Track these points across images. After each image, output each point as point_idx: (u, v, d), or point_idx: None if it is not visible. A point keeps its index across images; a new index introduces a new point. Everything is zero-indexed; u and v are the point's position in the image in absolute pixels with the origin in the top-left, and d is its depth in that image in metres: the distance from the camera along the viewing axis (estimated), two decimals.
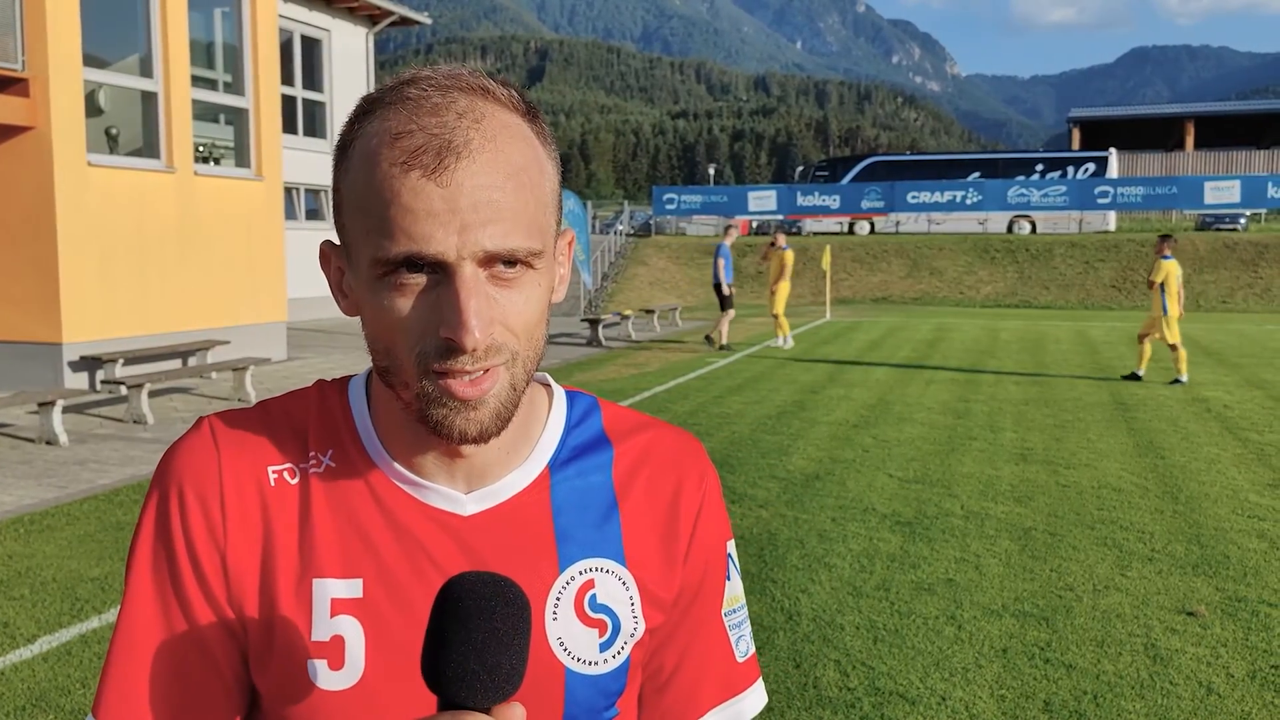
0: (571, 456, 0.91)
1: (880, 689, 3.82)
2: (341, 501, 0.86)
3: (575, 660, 0.87)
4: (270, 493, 0.86)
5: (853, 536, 5.81)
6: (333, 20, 21.12)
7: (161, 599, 0.85)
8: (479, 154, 0.76)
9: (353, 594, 0.84)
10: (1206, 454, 8.10)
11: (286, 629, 0.84)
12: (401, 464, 0.87)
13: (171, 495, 0.86)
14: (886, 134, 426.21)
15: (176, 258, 11.78)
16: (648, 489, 0.92)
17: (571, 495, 0.89)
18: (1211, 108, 60.20)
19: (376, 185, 0.77)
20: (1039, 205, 35.05)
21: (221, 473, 0.86)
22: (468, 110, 0.77)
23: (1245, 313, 26.57)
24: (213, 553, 0.84)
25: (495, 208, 0.76)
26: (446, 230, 0.75)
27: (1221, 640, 4.29)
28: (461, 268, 0.76)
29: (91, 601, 4.71)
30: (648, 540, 0.91)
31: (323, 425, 0.89)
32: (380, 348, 0.81)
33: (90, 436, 8.67)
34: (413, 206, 0.75)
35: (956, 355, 15.46)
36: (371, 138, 0.78)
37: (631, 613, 0.90)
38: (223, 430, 0.88)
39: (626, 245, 34.56)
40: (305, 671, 0.83)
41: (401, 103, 0.78)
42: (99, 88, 11.33)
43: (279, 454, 0.88)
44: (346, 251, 0.83)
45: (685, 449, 0.96)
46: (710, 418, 9.69)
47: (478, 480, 0.87)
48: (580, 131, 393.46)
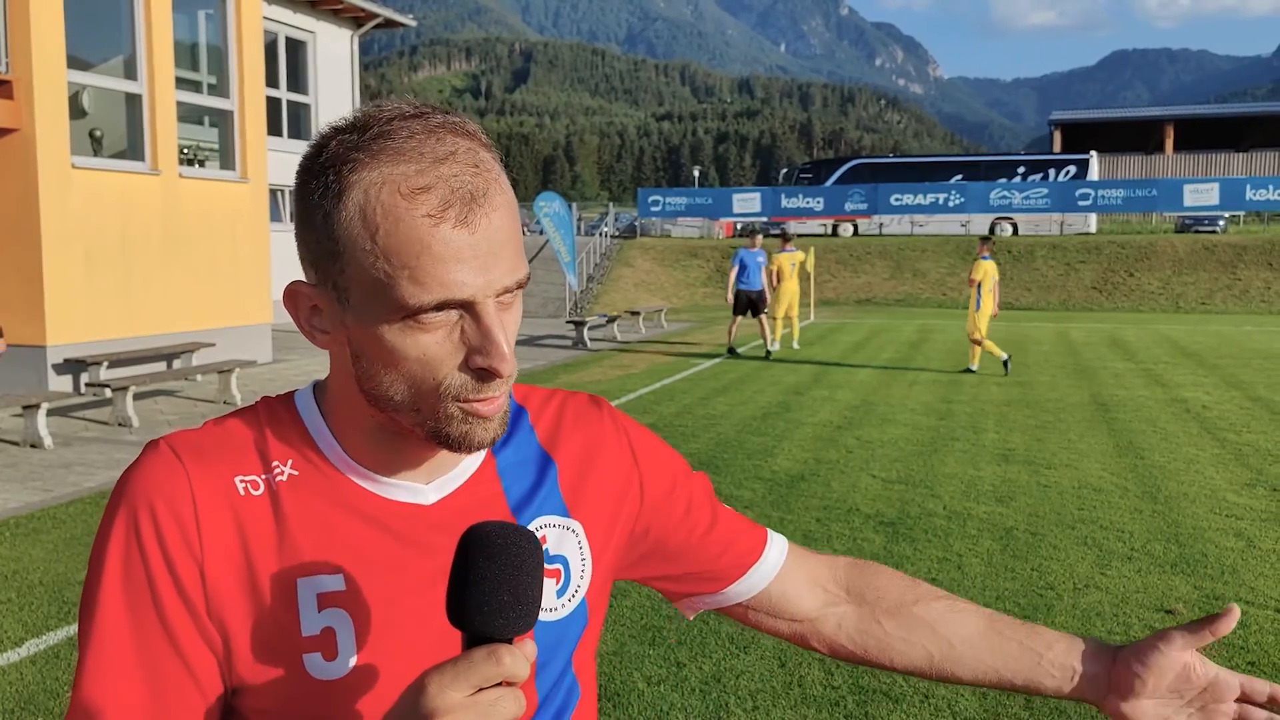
0: (506, 437, 1.00)
1: (864, 687, 3.88)
2: (311, 504, 0.90)
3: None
4: (240, 502, 0.89)
5: (837, 537, 5.87)
6: (317, 22, 21.08)
7: (135, 618, 0.85)
8: (494, 198, 0.83)
9: (337, 587, 0.89)
10: (1185, 454, 8.20)
11: (278, 628, 0.87)
12: (364, 465, 0.92)
13: (141, 513, 0.86)
14: (870, 136, 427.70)
15: (161, 260, 11.76)
16: (571, 442, 1.03)
17: (514, 469, 0.99)
18: (1191, 111, 60.67)
19: (403, 237, 0.80)
20: (1021, 207, 35.27)
21: (192, 486, 0.87)
22: (470, 157, 0.83)
23: (1224, 314, 26.81)
24: (191, 565, 0.86)
25: (508, 248, 0.84)
26: (475, 274, 0.81)
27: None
28: (486, 305, 0.83)
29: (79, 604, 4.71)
30: (585, 485, 1.02)
31: (278, 437, 0.93)
32: (389, 380, 0.85)
33: (75, 439, 8.65)
34: (445, 255, 0.80)
35: (939, 357, 15.57)
36: (379, 187, 0.81)
37: (580, 558, 1.00)
38: (183, 447, 0.90)
39: (611, 247, 34.60)
40: (301, 664, 0.87)
41: (398, 152, 0.81)
42: (83, 90, 11.31)
43: (242, 465, 0.90)
44: (339, 295, 0.85)
45: (592, 402, 1.08)
46: (696, 419, 9.75)
47: (437, 472, 0.94)
48: (565, 133, 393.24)
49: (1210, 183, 34.62)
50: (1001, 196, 35.44)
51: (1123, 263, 30.98)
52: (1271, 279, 29.19)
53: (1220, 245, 31.04)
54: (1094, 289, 30.04)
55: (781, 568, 1.13)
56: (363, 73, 23.70)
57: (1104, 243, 32.31)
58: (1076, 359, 15.25)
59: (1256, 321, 23.94)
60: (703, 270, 33.74)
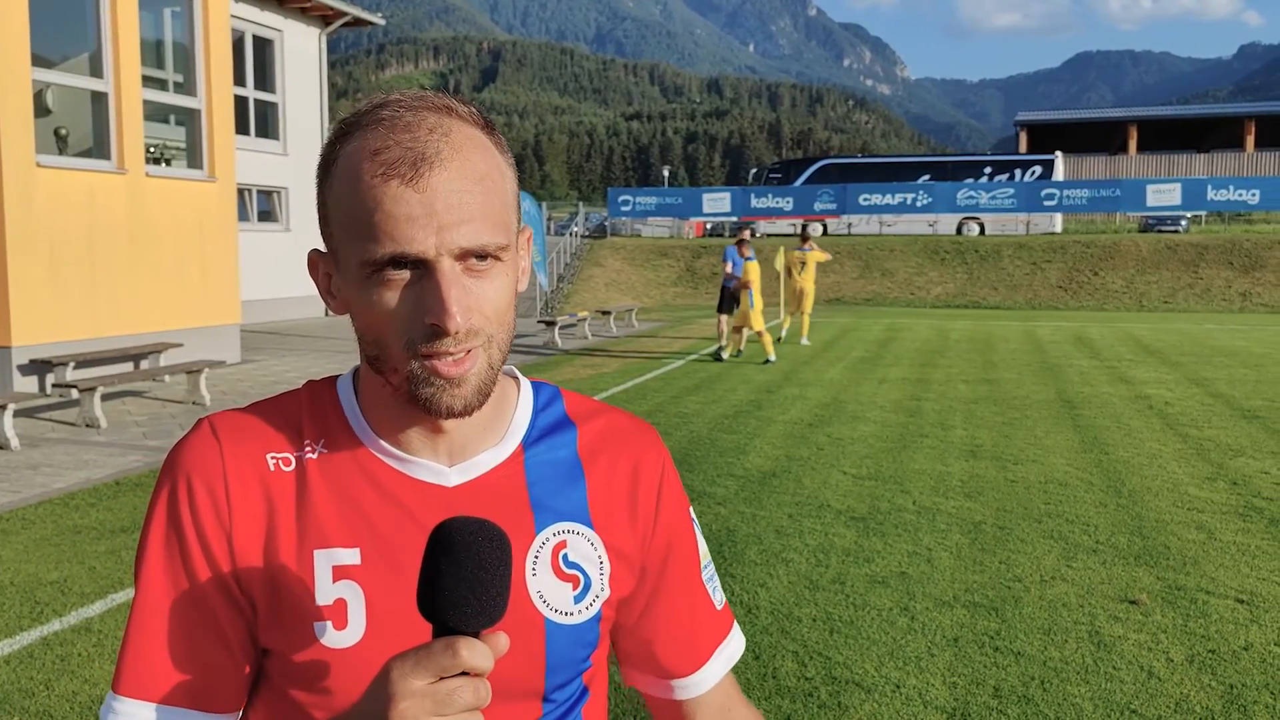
0: (541, 436, 1.03)
1: (837, 678, 3.94)
2: (336, 480, 0.96)
3: (554, 611, 0.98)
4: (270, 477, 0.96)
5: (809, 532, 5.93)
6: (285, 20, 20.93)
7: (173, 579, 0.94)
8: (449, 162, 0.87)
9: (352, 561, 0.94)
10: (1148, 449, 8.35)
11: (293, 596, 0.93)
12: (389, 444, 0.97)
13: (180, 486, 0.95)
14: (838, 136, 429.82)
15: (128, 260, 11.65)
16: (610, 463, 1.05)
17: (543, 469, 1.01)
18: (1153, 112, 61.51)
19: (360, 196, 0.87)
20: (987, 207, 35.63)
21: (225, 462, 0.95)
22: (436, 126, 0.89)
23: (1186, 312, 27.23)
24: (220, 534, 0.94)
25: (466, 209, 0.87)
26: (426, 231, 0.86)
27: (1162, 627, 4.47)
28: (441, 263, 0.86)
29: (51, 604, 4.69)
30: (612, 507, 1.03)
31: (314, 417, 1.00)
32: (370, 338, 0.91)
33: (42, 440, 8.56)
34: (394, 212, 0.86)
35: (908, 355, 15.71)
36: (352, 155, 0.89)
37: (599, 570, 1.01)
38: (222, 426, 0.98)
39: (582, 247, 34.59)
40: (313, 632, 0.93)
41: (377, 123, 0.89)
42: (47, 87, 11.18)
43: (276, 443, 0.98)
44: (334, 258, 0.93)
45: (641, 430, 1.09)
46: (669, 417, 9.80)
47: (459, 455, 0.98)
48: (534, 132, 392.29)
49: (1172, 183, 35.13)
50: (968, 196, 35.78)
51: (1087, 262, 31.38)
52: (1232, 278, 29.68)
53: (1182, 245, 31.51)
54: (1059, 288, 30.40)
55: (714, 688, 1.11)
56: (330, 71, 23.53)
57: (1069, 242, 32.71)
58: (1043, 357, 15.44)
59: (1218, 320, 24.34)
60: (673, 270, 33.81)
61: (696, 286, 32.93)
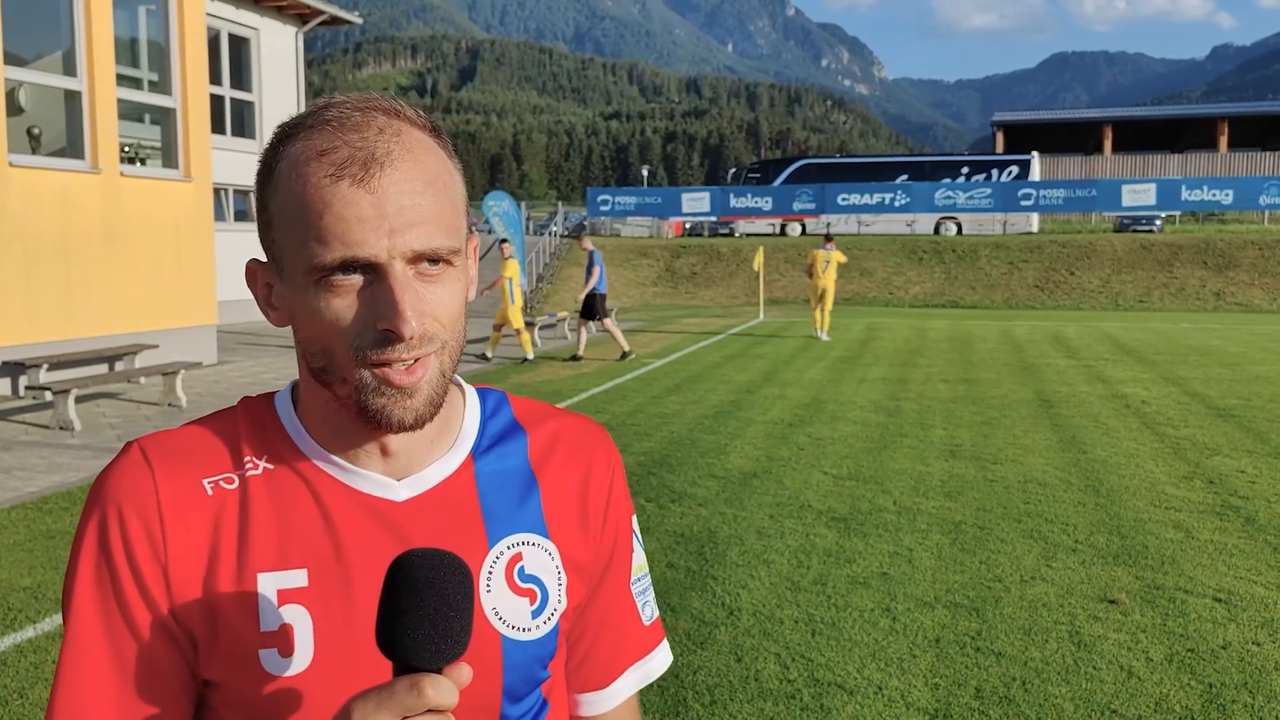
0: (491, 444, 0.99)
1: (819, 680, 3.93)
2: (280, 499, 0.91)
3: (510, 628, 0.94)
4: (208, 501, 0.90)
5: (790, 533, 5.93)
6: (261, 19, 20.79)
7: (105, 617, 0.88)
8: (400, 163, 0.84)
9: (298, 584, 0.89)
10: (1126, 448, 8.40)
11: (236, 624, 0.88)
12: (335, 458, 0.93)
13: (111, 517, 0.89)
14: (816, 136, 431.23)
15: (102, 260, 11.53)
16: (561, 469, 1.01)
17: (494, 478, 0.97)
18: (1128, 113, 62.06)
19: (308, 198, 0.83)
20: (965, 207, 35.85)
21: (158, 490, 0.90)
22: (386, 127, 0.85)
23: (1161, 311, 27.47)
24: (155, 567, 0.88)
25: (419, 211, 0.84)
26: (378, 234, 0.82)
27: (1141, 626, 4.49)
28: (393, 266, 0.83)
29: (25, 611, 4.62)
30: (565, 513, 1.00)
31: (253, 434, 0.94)
32: (317, 349, 0.87)
33: (15, 444, 8.46)
34: (344, 214, 0.82)
35: (887, 355, 15.77)
36: (297, 157, 0.85)
37: (557, 580, 0.98)
38: (153, 450, 0.92)
39: (561, 246, 34.54)
40: (258, 660, 0.88)
41: (323, 124, 0.85)
42: (19, 86, 11.05)
43: (213, 465, 0.92)
44: (276, 266, 0.89)
45: (592, 432, 1.06)
46: (649, 418, 9.78)
47: (407, 469, 0.94)
48: (513, 132, 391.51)
49: (1147, 183, 35.46)
50: (946, 196, 35.99)
51: (1064, 261, 31.61)
52: (1206, 277, 29.97)
53: (1157, 244, 31.79)
54: (1036, 287, 30.61)
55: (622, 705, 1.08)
56: (307, 70, 23.41)
57: (1046, 242, 32.94)
58: (1020, 356, 15.53)
59: (1192, 319, 24.57)
60: (652, 270, 33.83)
61: (676, 286, 32.95)
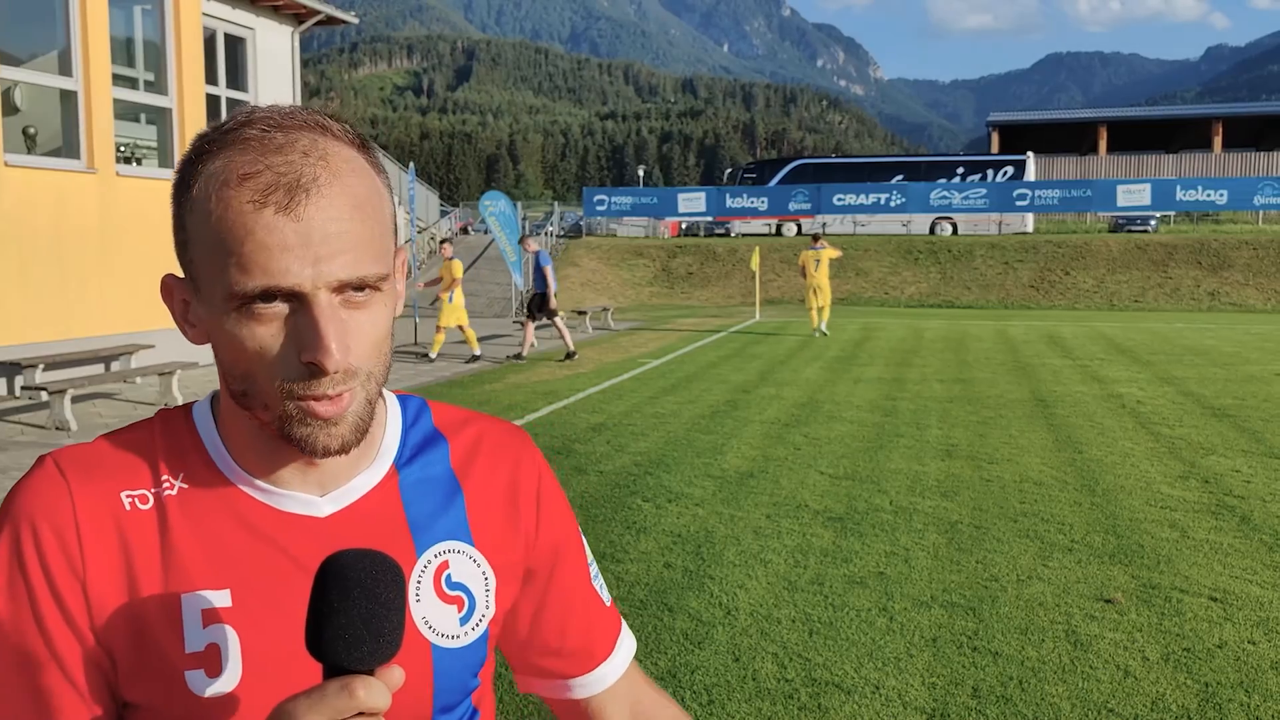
0: (413, 454, 0.98)
1: (817, 679, 3.94)
2: (200, 517, 0.89)
3: (439, 636, 0.94)
4: (126, 517, 0.88)
5: (787, 533, 5.94)
6: (257, 19, 20.74)
7: (20, 635, 0.85)
8: (327, 189, 0.81)
9: (223, 603, 0.87)
10: (1121, 448, 8.42)
11: (160, 645, 0.86)
12: (255, 476, 0.91)
13: (25, 533, 0.86)
14: (812, 136, 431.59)
15: (98, 260, 11.51)
16: (485, 474, 1.01)
17: (418, 488, 0.96)
18: (1123, 113, 62.19)
19: (229, 223, 0.80)
20: (960, 207, 35.90)
21: (75, 504, 0.87)
22: (311, 148, 0.82)
23: (1156, 311, 27.54)
24: (73, 583, 0.85)
25: (345, 239, 0.81)
26: (302, 263, 0.79)
27: (1137, 626, 4.51)
28: (317, 296, 0.80)
29: None
30: (491, 518, 0.99)
31: (171, 450, 0.92)
32: (237, 374, 0.85)
33: (11, 444, 8.45)
34: (268, 242, 0.79)
35: (883, 354, 15.79)
36: (217, 177, 0.81)
37: (485, 588, 0.98)
38: (69, 463, 0.89)
39: (557, 246, 34.54)
40: (184, 683, 0.86)
41: (244, 142, 0.82)
42: (15, 85, 11.03)
43: (130, 480, 0.90)
44: (194, 285, 0.86)
45: (513, 435, 1.05)
46: (645, 417, 9.79)
47: (330, 484, 0.92)
48: (508, 132, 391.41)
49: (1142, 183, 35.53)
50: (941, 196, 36.04)
51: (1059, 262, 31.67)
52: (1201, 277, 30.04)
53: (1152, 244, 31.87)
54: (1031, 287, 30.66)
55: (619, 680, 1.10)
56: (303, 70, 23.40)
57: (1041, 242, 33.00)
58: (1016, 356, 15.56)
59: (1187, 318, 24.62)
60: (649, 270, 33.85)
61: (672, 286, 32.97)
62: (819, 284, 19.25)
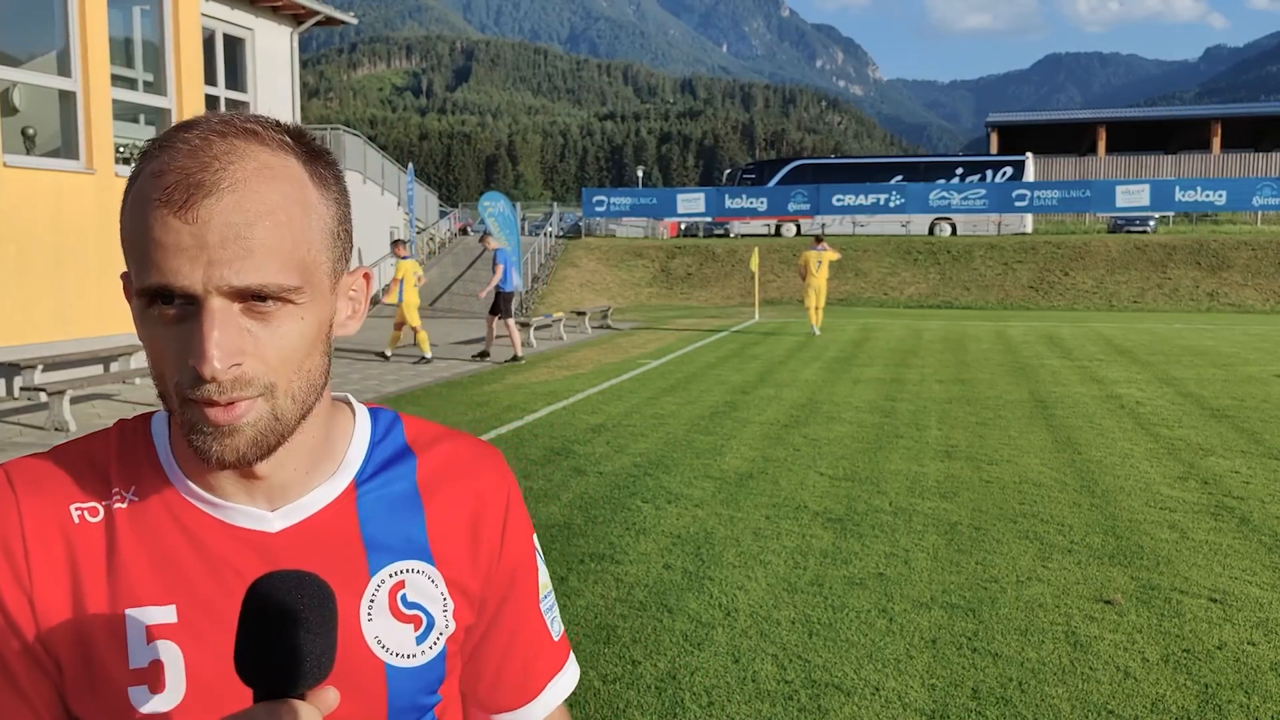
0: (377, 470, 0.96)
1: (816, 681, 3.94)
2: (148, 531, 0.88)
3: (393, 655, 0.92)
4: (75, 530, 0.87)
5: (786, 534, 5.94)
6: (256, 19, 20.75)
7: None
8: (228, 193, 0.80)
9: (167, 619, 0.87)
10: (1120, 449, 8.42)
11: (104, 660, 0.86)
12: (204, 489, 0.90)
13: None
14: (811, 137, 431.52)
15: (97, 261, 11.50)
16: (451, 493, 0.98)
17: (378, 504, 0.95)
18: (1122, 114, 62.19)
19: (138, 220, 0.81)
20: (959, 208, 35.91)
21: (22, 516, 0.86)
22: (225, 152, 0.81)
23: (1155, 312, 27.54)
24: (20, 597, 0.85)
25: (243, 245, 0.80)
26: (194, 265, 0.79)
27: (1137, 627, 4.51)
28: (209, 300, 0.79)
29: None
30: (454, 539, 0.97)
31: (124, 461, 0.91)
32: (154, 375, 0.85)
33: (9, 445, 8.44)
34: (163, 241, 0.79)
35: (882, 355, 15.79)
36: (141, 177, 0.83)
37: (443, 607, 0.96)
38: (18, 475, 0.89)
39: (556, 247, 34.54)
40: (127, 699, 0.85)
41: (173, 146, 0.82)
42: (14, 86, 11.03)
43: (80, 493, 0.89)
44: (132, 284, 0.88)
45: (485, 455, 1.03)
46: (644, 418, 9.79)
47: (281, 499, 0.91)
48: (507, 132, 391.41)
49: (1141, 184, 35.54)
50: (940, 197, 36.05)
51: (1058, 262, 31.67)
52: (1200, 278, 30.05)
53: (1151, 245, 31.87)
54: (1030, 288, 30.66)
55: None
56: (302, 70, 23.37)
57: (1040, 243, 33.01)
58: (1015, 357, 15.56)
59: (1186, 319, 24.63)
60: (647, 270, 33.84)
61: (671, 287, 32.97)
62: (819, 285, 19.70)
